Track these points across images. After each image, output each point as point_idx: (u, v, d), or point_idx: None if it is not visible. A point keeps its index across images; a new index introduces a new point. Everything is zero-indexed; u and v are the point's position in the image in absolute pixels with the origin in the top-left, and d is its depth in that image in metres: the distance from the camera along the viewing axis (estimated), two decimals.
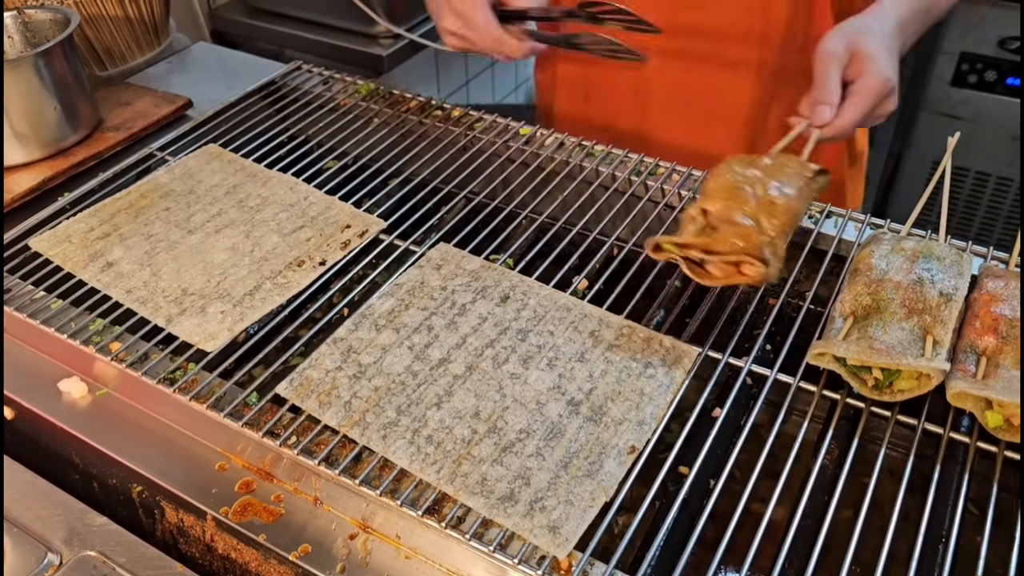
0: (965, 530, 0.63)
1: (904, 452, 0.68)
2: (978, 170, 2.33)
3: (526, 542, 0.59)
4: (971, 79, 2.24)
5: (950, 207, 2.39)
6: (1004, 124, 2.23)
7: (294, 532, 0.66)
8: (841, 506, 0.65)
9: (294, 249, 0.85)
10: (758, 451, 0.67)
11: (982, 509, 0.64)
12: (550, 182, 0.95)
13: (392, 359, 0.72)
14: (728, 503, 0.64)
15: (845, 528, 0.63)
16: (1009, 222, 2.36)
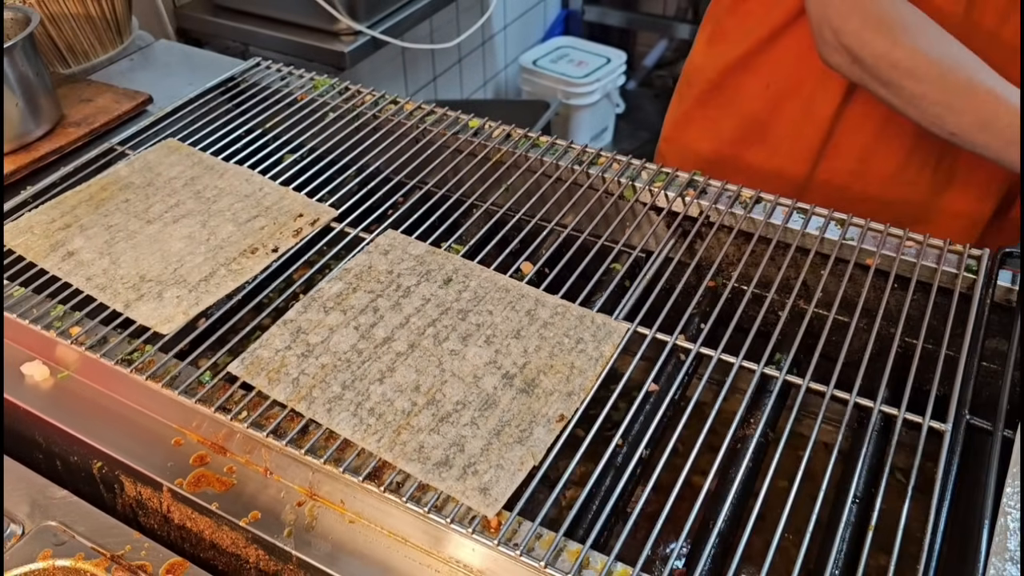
0: (890, 496, 0.67)
1: (836, 425, 0.72)
2: None
3: (459, 504, 0.64)
4: None
5: None
6: None
7: (245, 501, 0.70)
8: (777, 477, 0.68)
9: (248, 237, 0.89)
10: (700, 427, 0.71)
11: (907, 476, 0.67)
12: (496, 171, 0.99)
13: (338, 338, 0.76)
14: (670, 476, 0.67)
15: (780, 497, 0.66)
16: None
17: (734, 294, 0.86)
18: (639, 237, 0.94)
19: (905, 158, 1.09)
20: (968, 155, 0.94)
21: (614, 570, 0.61)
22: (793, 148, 1.14)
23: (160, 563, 0.66)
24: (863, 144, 1.10)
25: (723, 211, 0.92)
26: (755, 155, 1.18)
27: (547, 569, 0.60)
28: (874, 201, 1.12)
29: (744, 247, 0.91)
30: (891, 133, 1.08)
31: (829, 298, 0.85)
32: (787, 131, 1.14)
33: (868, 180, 1.12)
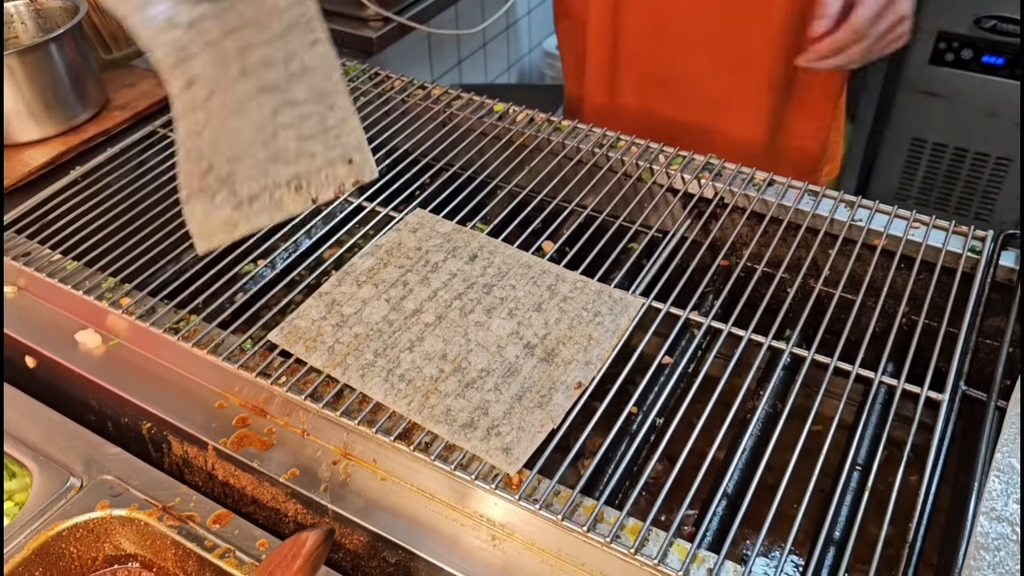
0: (890, 463, 0.71)
1: (840, 397, 0.76)
2: (956, 146, 2.40)
3: (483, 462, 0.69)
4: (948, 57, 2.30)
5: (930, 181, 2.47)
6: (980, 101, 2.30)
7: (284, 459, 0.75)
8: (782, 446, 0.72)
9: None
10: (710, 398, 0.75)
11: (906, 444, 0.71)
12: (520, 154, 1.04)
13: (371, 310, 0.81)
14: (681, 444, 0.71)
15: (785, 465, 0.70)
16: (986, 196, 2.44)
17: (746, 272, 0.91)
18: (656, 217, 0.98)
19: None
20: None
21: (626, 524, 0.65)
22: None
23: (207, 514, 0.72)
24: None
25: (737, 192, 0.96)
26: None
27: (564, 522, 0.65)
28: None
29: (756, 227, 0.95)
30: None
31: (837, 277, 0.88)
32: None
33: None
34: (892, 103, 2.43)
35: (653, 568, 0.63)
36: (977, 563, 0.59)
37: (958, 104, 2.35)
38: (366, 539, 0.71)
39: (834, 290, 0.86)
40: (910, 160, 2.47)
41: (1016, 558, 0.59)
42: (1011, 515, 0.62)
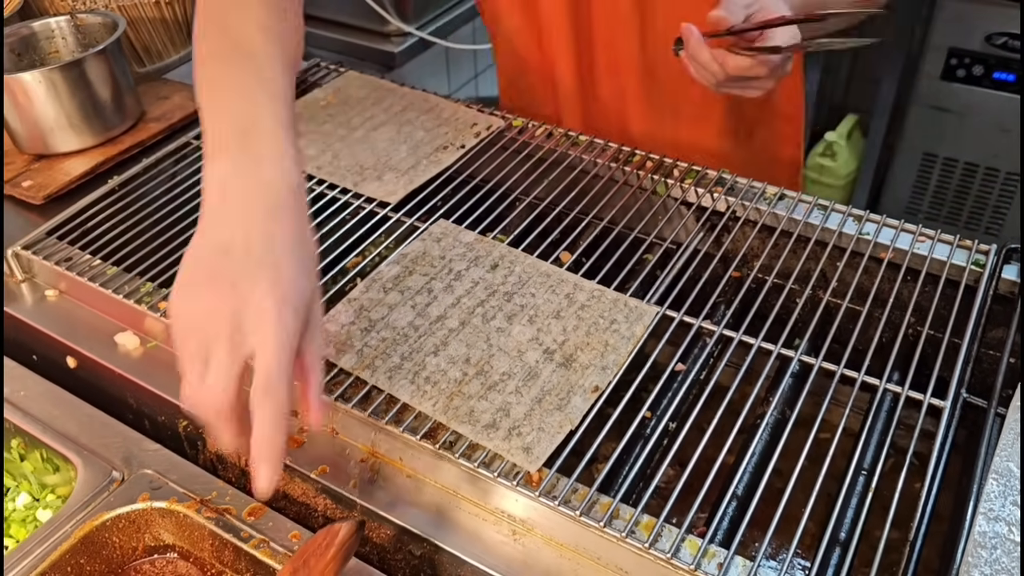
0: (894, 468, 0.74)
1: (846, 403, 0.79)
2: (967, 161, 2.43)
3: (505, 460, 0.72)
4: (959, 73, 2.33)
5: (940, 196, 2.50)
6: (991, 117, 2.33)
7: (315, 456, 0.79)
8: (787, 454, 0.75)
9: (437, 139, 1.10)
10: (721, 404, 0.78)
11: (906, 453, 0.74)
12: (539, 167, 1.07)
13: (397, 315, 0.85)
14: (692, 448, 0.75)
15: (792, 469, 0.73)
16: (996, 211, 2.46)
17: (757, 283, 0.94)
18: (670, 230, 1.02)
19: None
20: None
21: (641, 520, 0.69)
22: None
23: (242, 507, 0.76)
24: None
25: (748, 206, 1.00)
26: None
27: (582, 518, 0.68)
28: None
29: (767, 240, 0.98)
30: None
31: (844, 288, 0.91)
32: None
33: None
34: (904, 118, 2.46)
35: (666, 562, 0.66)
36: (975, 560, 0.62)
37: (969, 120, 2.37)
38: (392, 533, 0.75)
39: (841, 301, 0.90)
40: (921, 175, 2.49)
41: (1012, 556, 0.62)
42: (1008, 516, 0.65)
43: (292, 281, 0.62)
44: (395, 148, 1.09)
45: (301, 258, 0.64)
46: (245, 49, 0.73)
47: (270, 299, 0.60)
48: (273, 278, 0.61)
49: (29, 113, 1.09)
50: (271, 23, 0.75)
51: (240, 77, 0.71)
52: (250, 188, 0.65)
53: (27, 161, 1.12)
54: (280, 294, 0.61)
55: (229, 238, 0.62)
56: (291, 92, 0.72)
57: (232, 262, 0.62)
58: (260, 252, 0.62)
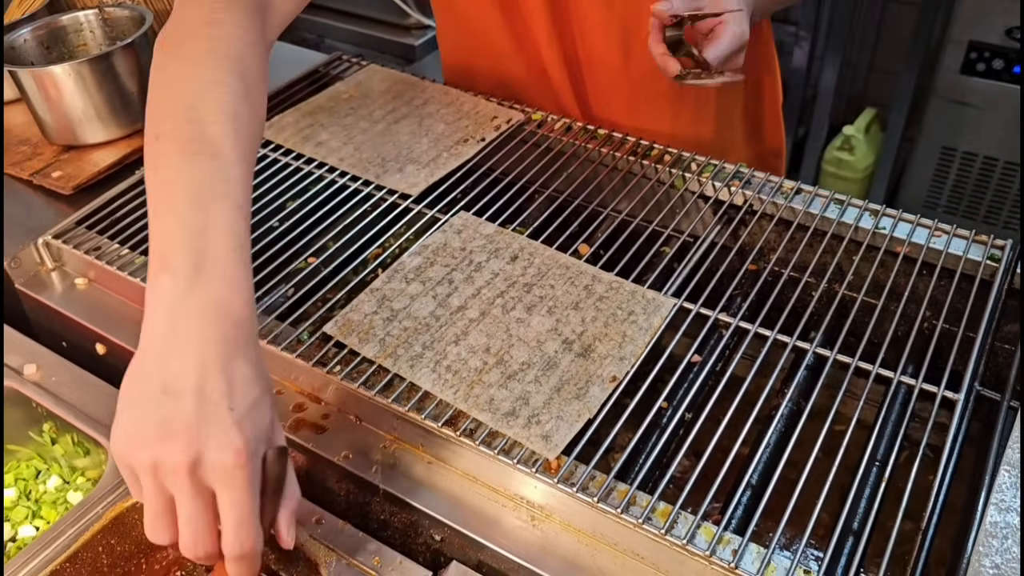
0: (908, 460, 0.75)
1: (860, 395, 0.80)
2: (986, 155, 2.42)
3: (524, 448, 0.74)
4: (979, 67, 2.32)
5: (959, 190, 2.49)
6: (1011, 111, 2.32)
7: (338, 442, 0.81)
8: (801, 445, 0.76)
9: (458, 132, 1.12)
10: (736, 395, 0.79)
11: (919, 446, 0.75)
12: (558, 161, 1.09)
13: (418, 305, 0.87)
14: (708, 438, 0.76)
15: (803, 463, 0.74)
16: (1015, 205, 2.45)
17: (773, 276, 0.95)
18: (687, 223, 1.03)
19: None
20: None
21: (657, 508, 0.70)
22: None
23: None
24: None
25: (766, 200, 1.00)
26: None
27: (599, 504, 0.70)
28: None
29: (784, 233, 0.99)
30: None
31: (860, 281, 0.92)
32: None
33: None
34: (923, 112, 2.46)
35: (682, 548, 0.68)
36: (985, 549, 0.63)
37: (989, 113, 2.37)
38: (414, 517, 0.77)
39: (857, 294, 0.90)
40: (940, 169, 2.49)
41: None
42: (1019, 506, 0.66)
43: (253, 426, 0.60)
44: (416, 141, 1.10)
45: (259, 396, 0.61)
46: (209, 141, 0.66)
47: (230, 452, 0.57)
48: (233, 427, 0.58)
49: (58, 105, 1.11)
50: (242, 111, 0.70)
51: (200, 177, 0.65)
52: (205, 320, 0.60)
53: (56, 152, 1.14)
54: (242, 442, 0.58)
55: (181, 380, 0.58)
56: (249, 196, 0.67)
57: (184, 410, 0.57)
58: (217, 398, 0.58)
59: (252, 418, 0.60)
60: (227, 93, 0.70)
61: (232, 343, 0.60)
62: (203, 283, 0.61)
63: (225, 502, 0.59)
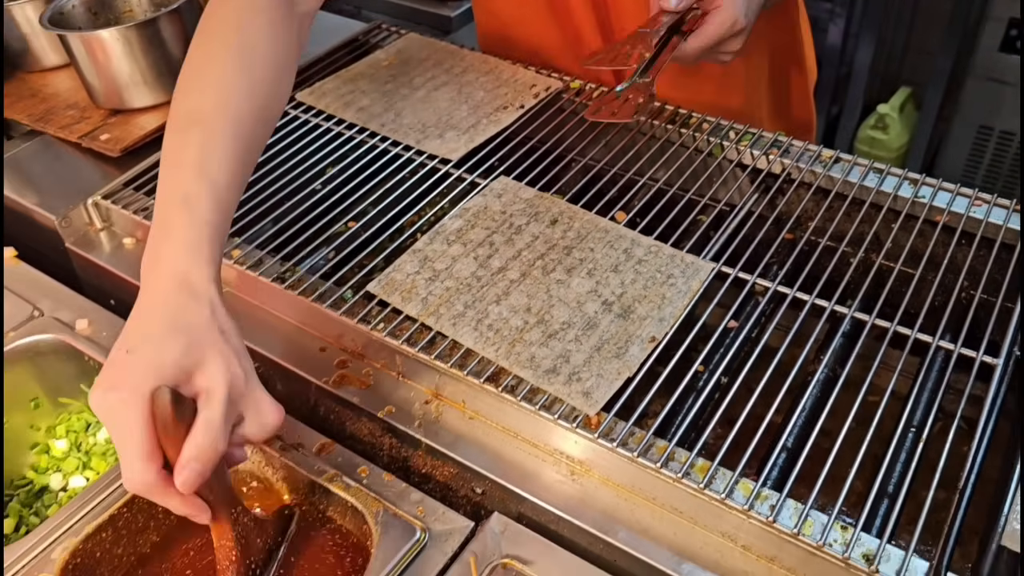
0: (938, 435, 0.76)
1: (897, 361, 0.80)
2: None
3: (564, 404, 0.75)
4: (1019, 44, 2.29)
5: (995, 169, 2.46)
6: None
7: (381, 398, 0.83)
8: (835, 415, 0.76)
9: (497, 99, 1.13)
10: (772, 361, 0.80)
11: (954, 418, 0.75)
12: (595, 129, 1.09)
13: (460, 266, 0.88)
14: (743, 403, 0.77)
15: (836, 432, 0.74)
16: None
17: (810, 246, 0.95)
18: (724, 191, 1.04)
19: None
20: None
21: (696, 463, 0.72)
22: None
23: (313, 443, 0.80)
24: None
25: (804, 168, 1.01)
26: None
27: (639, 459, 0.71)
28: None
29: (822, 202, 0.99)
30: None
31: (898, 251, 0.92)
32: None
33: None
34: (960, 90, 2.42)
35: (720, 502, 0.69)
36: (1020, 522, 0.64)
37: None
38: (455, 471, 0.78)
39: (894, 264, 0.91)
40: (976, 147, 2.46)
41: None
42: None
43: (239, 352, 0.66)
44: (456, 107, 1.11)
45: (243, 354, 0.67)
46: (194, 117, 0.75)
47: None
48: (224, 341, 0.66)
49: (106, 69, 1.13)
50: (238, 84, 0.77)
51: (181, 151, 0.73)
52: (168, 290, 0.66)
53: (103, 116, 1.17)
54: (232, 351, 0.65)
55: (132, 339, 0.64)
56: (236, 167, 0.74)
57: (120, 365, 0.63)
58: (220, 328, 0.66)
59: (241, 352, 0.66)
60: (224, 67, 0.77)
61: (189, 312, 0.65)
62: (167, 248, 0.68)
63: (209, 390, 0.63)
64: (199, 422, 0.62)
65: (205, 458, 0.62)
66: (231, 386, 0.64)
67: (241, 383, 0.65)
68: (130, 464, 0.61)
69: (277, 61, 0.82)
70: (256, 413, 0.67)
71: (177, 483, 0.62)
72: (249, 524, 0.70)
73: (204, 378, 0.63)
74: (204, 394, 0.63)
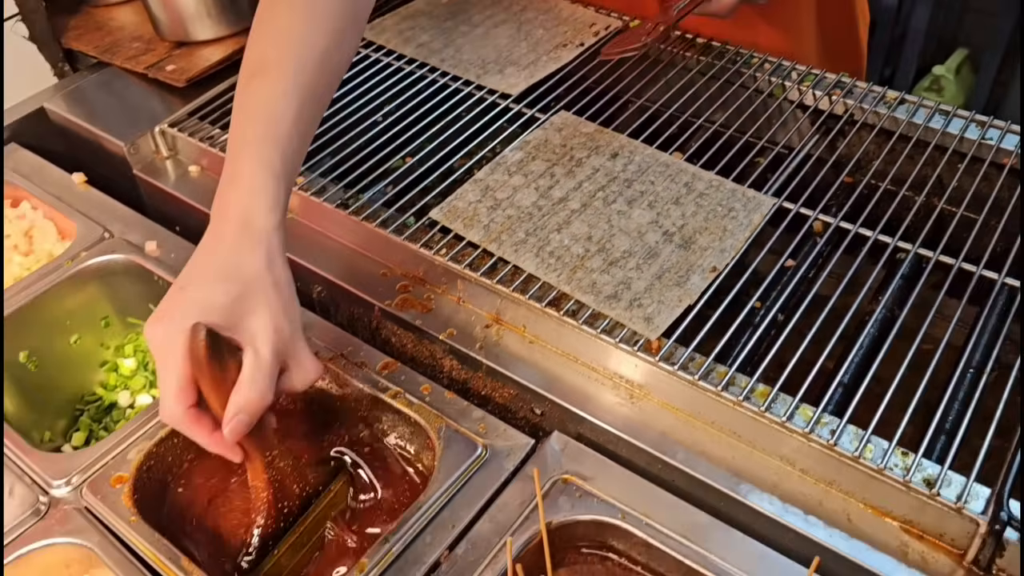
0: (994, 386, 0.74)
1: (949, 319, 0.78)
2: None
3: (625, 329, 0.76)
4: None
5: None
6: None
7: (442, 321, 0.84)
8: (887, 360, 0.76)
9: (557, 37, 1.14)
10: (830, 298, 0.80)
11: (1011, 368, 0.74)
12: (653, 69, 1.09)
13: (521, 196, 0.89)
14: (794, 346, 0.76)
15: (889, 379, 0.73)
16: None
17: (869, 189, 0.94)
18: (783, 134, 1.03)
19: None
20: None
21: (756, 388, 0.72)
22: None
23: (376, 362, 0.82)
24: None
25: (867, 110, 1.00)
26: None
27: (700, 382, 0.72)
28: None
29: (884, 144, 0.98)
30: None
31: (961, 195, 0.91)
32: None
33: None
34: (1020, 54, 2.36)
35: (780, 426, 0.70)
36: None
37: None
38: (515, 392, 0.80)
39: (957, 208, 0.90)
40: None
41: None
42: None
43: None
44: (516, 44, 1.12)
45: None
46: (260, 66, 0.76)
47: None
48: (275, 294, 0.67)
49: (171, 3, 1.15)
50: (301, 31, 0.77)
51: (248, 98, 0.75)
52: (234, 227, 0.69)
53: (168, 48, 1.19)
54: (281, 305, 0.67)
55: (192, 275, 0.68)
56: (298, 111, 0.74)
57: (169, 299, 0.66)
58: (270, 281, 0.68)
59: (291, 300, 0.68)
60: (288, 17, 0.77)
61: (245, 259, 0.67)
62: (233, 193, 0.70)
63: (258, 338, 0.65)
64: (245, 375, 0.64)
65: (252, 410, 0.64)
66: (277, 339, 0.66)
67: (287, 337, 0.67)
68: (163, 396, 0.64)
69: (344, 10, 0.82)
70: (298, 365, 0.68)
71: (224, 432, 0.64)
72: (285, 469, 0.71)
73: (251, 329, 0.65)
74: (250, 346, 0.65)
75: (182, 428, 0.65)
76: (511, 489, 0.71)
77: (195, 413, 0.64)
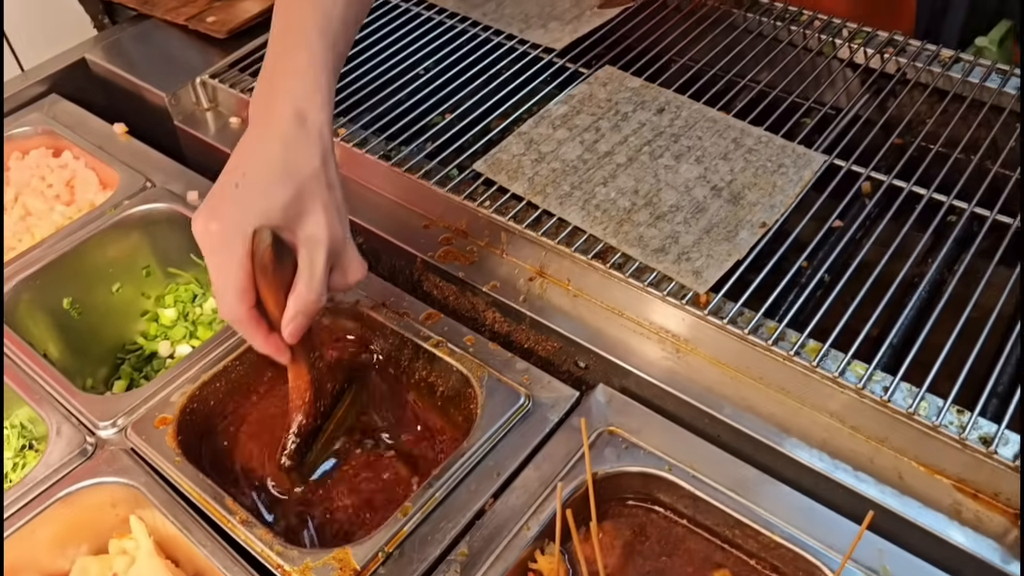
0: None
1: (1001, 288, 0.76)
2: None
3: (672, 283, 0.75)
4: None
5: None
6: None
7: (485, 273, 0.84)
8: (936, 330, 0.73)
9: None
10: (880, 259, 0.78)
11: None
12: (699, 27, 1.07)
13: (566, 149, 0.88)
14: (851, 297, 0.74)
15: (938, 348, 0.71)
16: None
17: (919, 152, 0.92)
18: (830, 94, 1.00)
19: None
20: None
21: (807, 344, 0.71)
22: None
23: (419, 313, 0.82)
24: None
25: (920, 68, 0.97)
26: None
27: (749, 336, 0.71)
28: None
29: (936, 105, 0.96)
30: None
31: (1016, 159, 0.89)
32: None
33: None
34: None
35: (832, 381, 0.69)
36: None
37: None
38: (559, 345, 0.79)
39: (1011, 172, 0.87)
40: None
41: None
42: None
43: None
44: (556, 3, 1.10)
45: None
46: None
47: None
48: (330, 195, 0.66)
49: None
50: None
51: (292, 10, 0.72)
52: (284, 122, 0.66)
53: (208, 0, 1.18)
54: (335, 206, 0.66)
55: (246, 166, 0.65)
56: (344, 21, 0.72)
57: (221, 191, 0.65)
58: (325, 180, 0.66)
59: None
60: None
61: (301, 155, 0.65)
62: (286, 85, 0.67)
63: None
64: (303, 277, 0.63)
65: (310, 311, 0.64)
66: (331, 241, 0.65)
67: (341, 238, 0.66)
68: (223, 297, 0.63)
69: None
70: (347, 266, 0.68)
71: (285, 334, 0.64)
72: (323, 369, 0.72)
73: (308, 230, 0.64)
74: (306, 247, 0.64)
75: (241, 328, 0.65)
76: (556, 440, 0.71)
77: (256, 314, 0.64)
